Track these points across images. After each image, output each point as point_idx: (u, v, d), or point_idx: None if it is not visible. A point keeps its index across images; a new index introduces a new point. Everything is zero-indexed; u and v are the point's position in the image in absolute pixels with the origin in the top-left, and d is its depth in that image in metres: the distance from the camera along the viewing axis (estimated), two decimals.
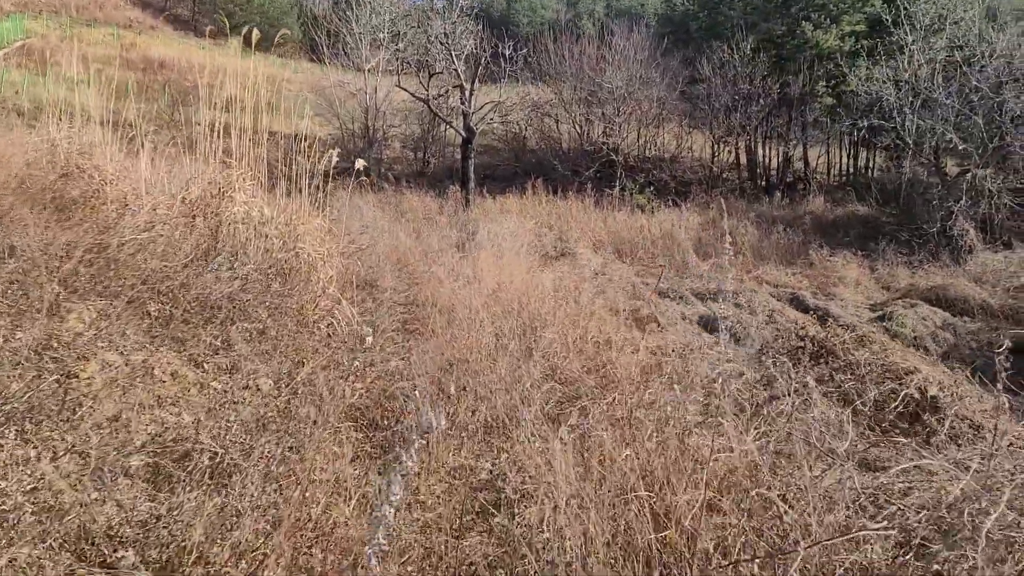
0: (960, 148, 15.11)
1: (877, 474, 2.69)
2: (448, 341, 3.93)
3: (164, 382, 2.72)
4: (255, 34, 5.59)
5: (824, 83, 21.20)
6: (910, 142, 16.54)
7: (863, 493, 2.34)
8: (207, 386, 2.95)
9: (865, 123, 16.59)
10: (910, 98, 16.49)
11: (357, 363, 2.77)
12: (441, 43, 16.88)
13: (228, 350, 3.35)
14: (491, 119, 17.97)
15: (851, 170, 23.30)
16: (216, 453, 2.18)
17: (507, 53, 18.14)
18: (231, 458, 2.16)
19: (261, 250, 4.33)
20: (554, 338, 4.12)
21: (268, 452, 2.32)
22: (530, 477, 2.18)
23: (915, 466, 2.89)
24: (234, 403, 2.77)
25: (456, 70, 16.69)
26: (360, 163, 4.98)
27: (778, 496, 2.09)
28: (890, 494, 2.41)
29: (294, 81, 34.45)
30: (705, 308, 10.97)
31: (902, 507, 2.22)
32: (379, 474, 2.49)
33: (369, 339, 2.44)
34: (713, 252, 14.03)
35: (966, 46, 16.24)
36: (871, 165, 23.16)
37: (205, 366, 3.14)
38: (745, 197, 19.70)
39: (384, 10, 20.44)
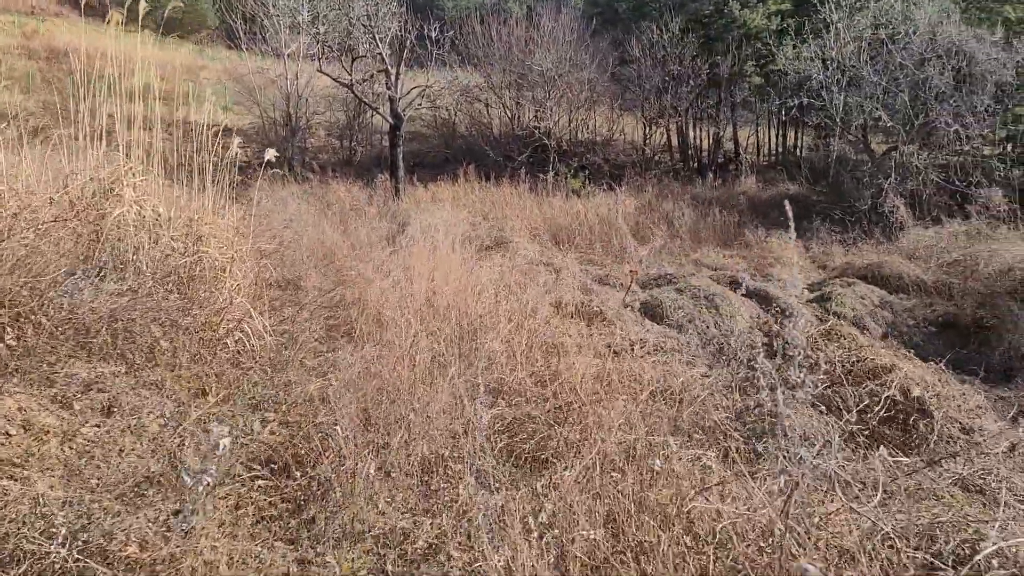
0: (888, 125, 15.23)
1: (886, 502, 2.28)
2: (377, 357, 3.40)
3: (10, 435, 2.13)
4: (142, 5, 4.90)
5: (753, 63, 21.21)
6: (838, 120, 16.62)
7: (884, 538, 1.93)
8: (75, 435, 2.37)
9: (795, 102, 16.57)
10: (837, 76, 16.56)
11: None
12: (364, 25, 16.11)
13: (108, 384, 2.75)
14: (419, 104, 17.30)
15: (780, 150, 23.47)
16: (56, 550, 1.63)
17: (433, 35, 17.46)
18: (76, 558, 1.61)
19: (157, 257, 3.71)
20: (499, 348, 3.64)
21: (139, 530, 1.77)
22: (482, 554, 1.70)
23: (918, 486, 2.51)
24: (106, 458, 2.19)
25: (380, 54, 15.95)
26: (270, 152, 4.37)
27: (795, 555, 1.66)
28: (908, 533, 2.00)
29: (211, 70, 32.96)
30: (647, 295, 10.65)
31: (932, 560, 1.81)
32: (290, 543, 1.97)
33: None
34: (651, 236, 13.77)
35: (890, 23, 16.36)
36: (800, 144, 23.40)
37: (75, 406, 2.55)
38: (679, 179, 19.57)
39: None
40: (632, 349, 4.24)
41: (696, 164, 22.61)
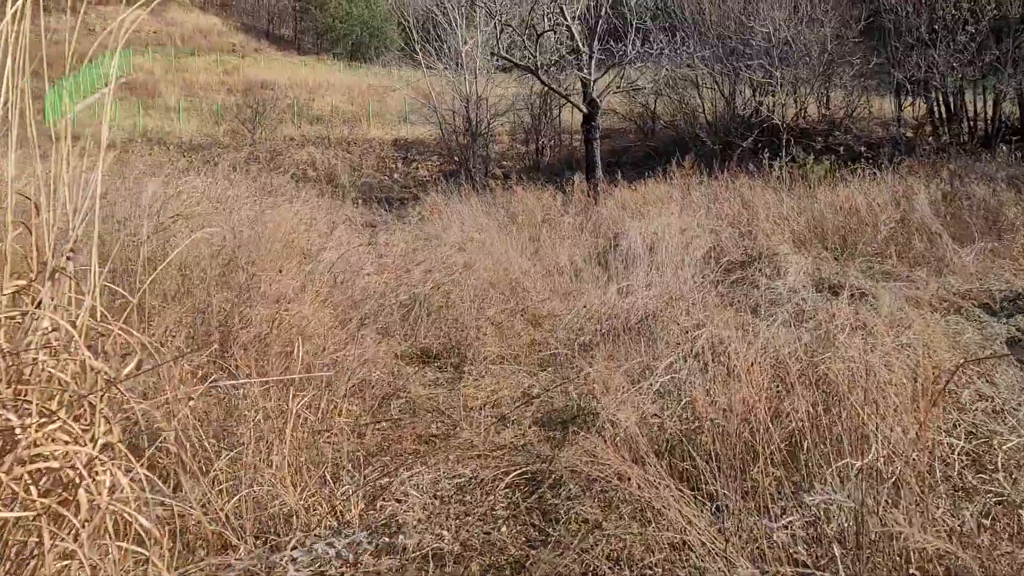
0: None
1: None
2: None
3: None
4: None
5: None
6: None
7: None
8: None
9: None
10: None
11: None
12: None
13: None
14: (617, 86, 14.06)
15: None
16: None
17: (632, 2, 14.17)
18: None
19: None
20: None
21: None
22: None
23: None
24: None
25: (568, 27, 12.91)
26: None
27: None
28: None
29: (398, 89, 32.07)
30: (1006, 328, 6.60)
31: None
32: None
33: None
34: (968, 235, 9.55)
35: None
36: None
37: None
38: (963, 155, 14.78)
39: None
40: None
41: (971, 135, 17.56)
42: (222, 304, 2.99)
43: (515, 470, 2.52)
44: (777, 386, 2.45)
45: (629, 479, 2.04)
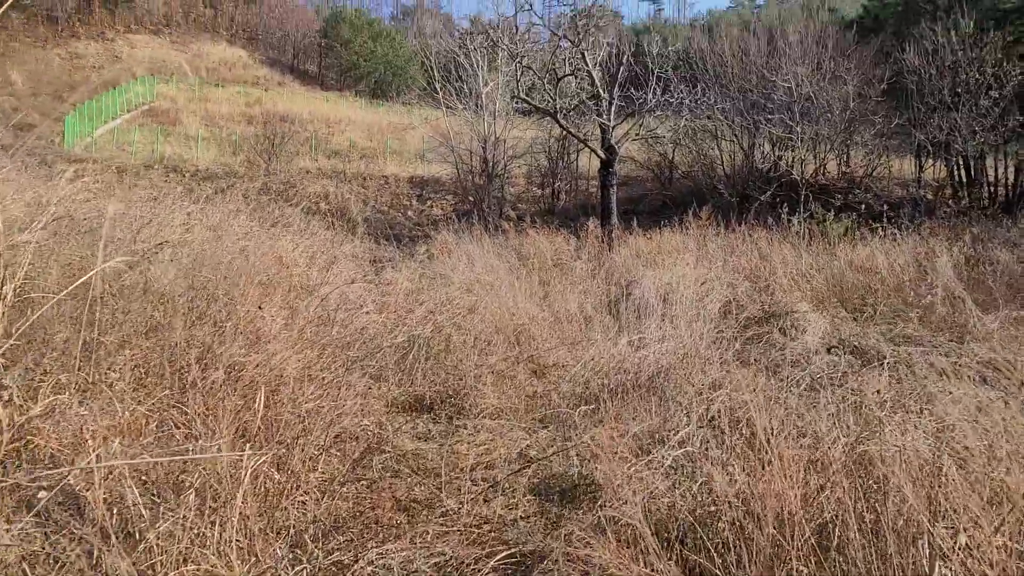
0: None
1: None
2: None
3: None
4: None
5: None
6: None
7: None
8: None
9: None
10: None
11: None
12: (571, 42, 13.12)
13: None
14: (637, 133, 13.94)
15: None
16: None
17: (655, 51, 14.09)
18: None
19: None
20: None
21: None
22: None
23: None
24: None
25: (589, 73, 12.83)
26: None
27: None
28: None
29: (418, 128, 32.30)
30: None
31: None
32: None
33: None
34: (992, 302, 9.21)
35: None
36: None
37: None
38: (984, 219, 14.50)
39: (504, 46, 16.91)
40: None
41: (991, 200, 17.29)
42: (189, 342, 2.73)
43: (502, 550, 2.21)
44: (808, 471, 2.14)
45: None
